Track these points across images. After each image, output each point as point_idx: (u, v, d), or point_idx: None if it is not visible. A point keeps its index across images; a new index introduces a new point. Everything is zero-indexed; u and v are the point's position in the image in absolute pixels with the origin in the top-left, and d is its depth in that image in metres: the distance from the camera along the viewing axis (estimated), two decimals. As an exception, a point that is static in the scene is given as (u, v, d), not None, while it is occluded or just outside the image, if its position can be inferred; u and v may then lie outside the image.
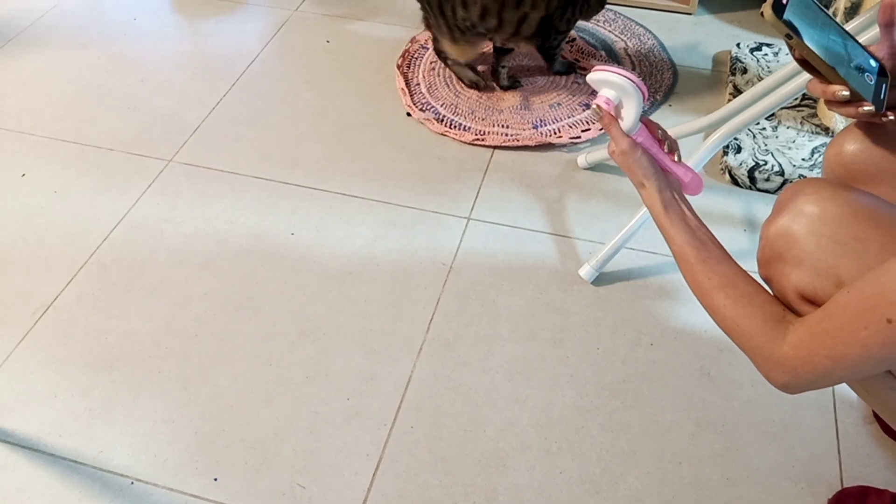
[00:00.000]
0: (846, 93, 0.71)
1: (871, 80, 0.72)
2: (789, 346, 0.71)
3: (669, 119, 1.63)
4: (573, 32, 1.85)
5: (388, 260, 1.35)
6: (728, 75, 1.71)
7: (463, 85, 1.71)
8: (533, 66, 1.77)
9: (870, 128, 0.84)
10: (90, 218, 1.43)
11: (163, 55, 1.85)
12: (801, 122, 1.55)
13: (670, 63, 1.78)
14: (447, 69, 1.75)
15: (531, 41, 1.60)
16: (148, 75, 1.78)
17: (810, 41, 0.70)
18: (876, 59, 0.74)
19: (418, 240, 1.38)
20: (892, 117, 0.74)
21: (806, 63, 0.73)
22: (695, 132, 1.33)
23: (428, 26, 1.65)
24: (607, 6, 1.95)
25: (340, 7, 1.99)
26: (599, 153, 1.50)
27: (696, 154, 1.24)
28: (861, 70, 0.72)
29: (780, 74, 1.20)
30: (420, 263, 1.34)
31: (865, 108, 0.72)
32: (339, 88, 1.73)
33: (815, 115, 1.57)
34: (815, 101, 1.58)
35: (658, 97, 1.68)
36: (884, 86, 0.73)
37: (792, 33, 0.69)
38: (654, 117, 1.64)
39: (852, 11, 1.41)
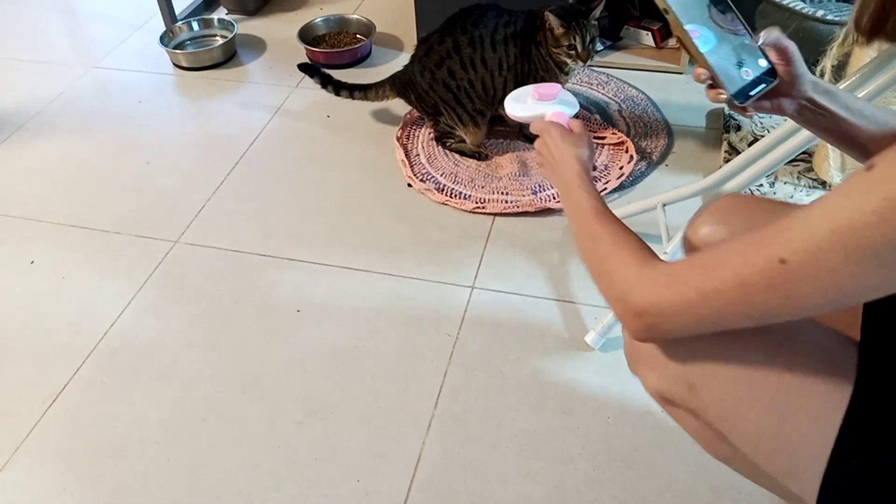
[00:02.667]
0: (706, 75, 0.75)
1: (748, 74, 0.75)
2: (661, 272, 0.66)
3: (667, 179, 1.65)
4: (567, 97, 1.89)
5: (393, 333, 1.35)
6: (722, 133, 1.74)
7: (461, 154, 1.74)
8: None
9: (726, 208, 0.88)
10: (98, 303, 1.44)
11: (167, 137, 1.89)
12: (797, 177, 1.57)
13: (664, 123, 1.81)
14: (445, 138, 1.78)
15: None
16: (153, 157, 1.81)
17: (686, 21, 0.74)
18: (770, 61, 0.76)
19: (423, 311, 1.39)
20: (751, 114, 0.77)
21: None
22: (693, 195, 1.35)
23: (441, 132, 1.74)
24: (597, 69, 2.00)
25: (339, 81, 2.04)
26: (599, 217, 1.51)
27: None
28: (741, 64, 0.75)
29: (777, 134, 1.21)
30: (426, 335, 1.34)
31: (722, 96, 0.75)
32: (341, 162, 1.76)
33: (811, 170, 1.59)
34: (811, 155, 1.60)
35: (654, 157, 1.70)
36: (762, 86, 0.75)
37: (670, 9, 0.73)
38: (652, 178, 1.66)
39: (839, 70, 1.44)
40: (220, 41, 2.17)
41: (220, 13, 2.36)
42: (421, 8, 2.03)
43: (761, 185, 1.55)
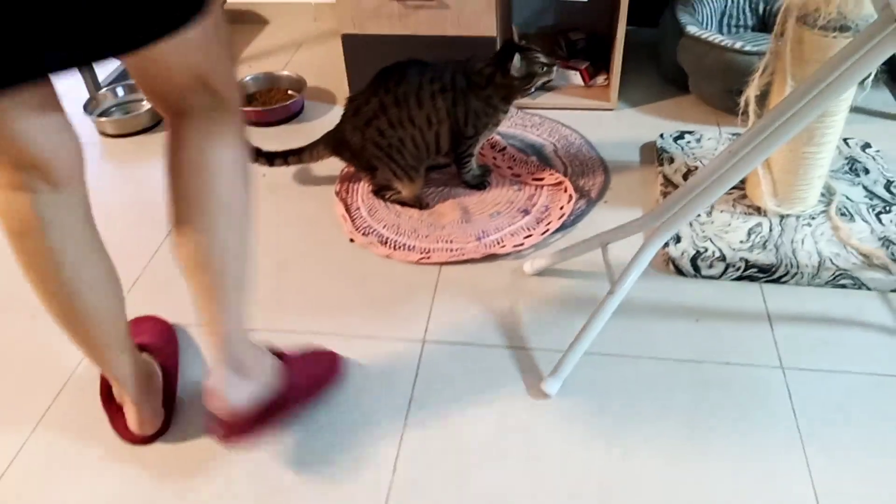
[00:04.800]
0: None
1: None
2: None
3: (607, 216, 1.66)
4: (502, 140, 1.90)
5: (344, 398, 1.31)
6: (657, 166, 1.77)
7: (402, 205, 1.72)
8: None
9: None
10: (35, 381, 1.35)
11: (98, 207, 1.80)
12: (733, 205, 1.60)
13: (600, 160, 1.83)
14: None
15: (451, 153, 1.69)
16: (81, 230, 1.74)
17: None
18: None
19: (375, 371, 1.35)
20: None
21: None
22: (634, 232, 1.35)
23: (379, 185, 1.73)
24: (530, 111, 2.02)
25: (275, 141, 2.01)
26: (544, 259, 1.50)
27: (638, 257, 1.25)
28: None
29: (712, 166, 1.22)
30: (379, 397, 1.30)
31: None
32: (279, 222, 1.72)
33: (745, 197, 1.62)
34: (744, 182, 1.63)
35: (593, 195, 1.72)
36: None
37: None
38: (592, 216, 1.67)
39: (762, 100, 1.48)
40: (147, 105, 2.12)
41: (146, 77, 2.31)
42: (351, 61, 2.03)
43: (699, 215, 1.57)
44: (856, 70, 1.07)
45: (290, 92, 2.17)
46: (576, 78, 2.08)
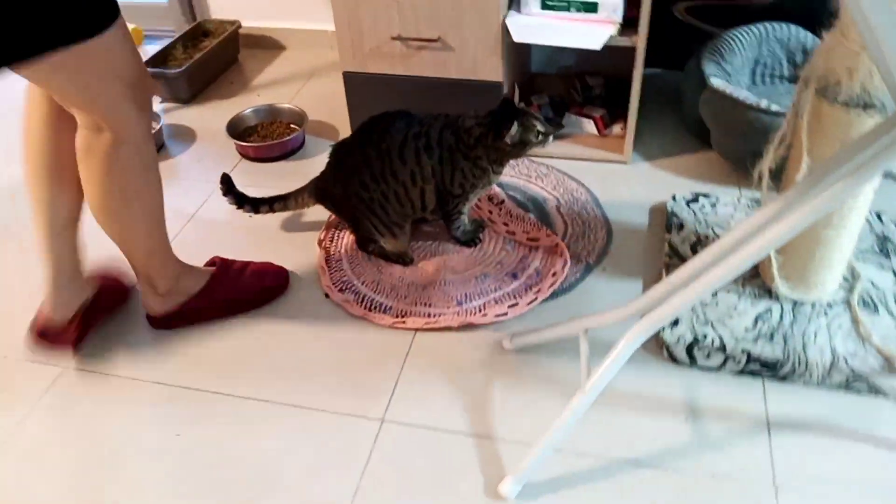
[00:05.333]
0: None
1: None
2: None
3: (603, 286, 1.53)
4: (501, 193, 1.78)
5: (291, 479, 1.21)
6: (665, 232, 1.62)
7: (385, 259, 1.62)
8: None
9: None
10: (-32, 444, 1.30)
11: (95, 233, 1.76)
12: (741, 285, 1.45)
13: (604, 220, 1.69)
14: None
15: (438, 210, 1.58)
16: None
17: None
18: None
19: (327, 451, 1.25)
20: None
21: None
22: (620, 320, 1.21)
23: (362, 237, 1.62)
24: (538, 160, 1.90)
25: (273, 178, 1.94)
26: (526, 336, 1.38)
27: (614, 356, 1.11)
28: None
29: (725, 243, 1.08)
30: (327, 481, 1.20)
31: None
32: (257, 270, 1.64)
33: (756, 276, 1.47)
34: (756, 258, 1.48)
35: (591, 260, 1.59)
36: None
37: None
38: (587, 284, 1.54)
39: (777, 175, 1.33)
40: (156, 127, 2.07)
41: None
42: (352, 99, 1.94)
43: (703, 294, 1.43)
44: (875, 164, 0.93)
45: (291, 125, 2.09)
46: (590, 126, 1.95)
